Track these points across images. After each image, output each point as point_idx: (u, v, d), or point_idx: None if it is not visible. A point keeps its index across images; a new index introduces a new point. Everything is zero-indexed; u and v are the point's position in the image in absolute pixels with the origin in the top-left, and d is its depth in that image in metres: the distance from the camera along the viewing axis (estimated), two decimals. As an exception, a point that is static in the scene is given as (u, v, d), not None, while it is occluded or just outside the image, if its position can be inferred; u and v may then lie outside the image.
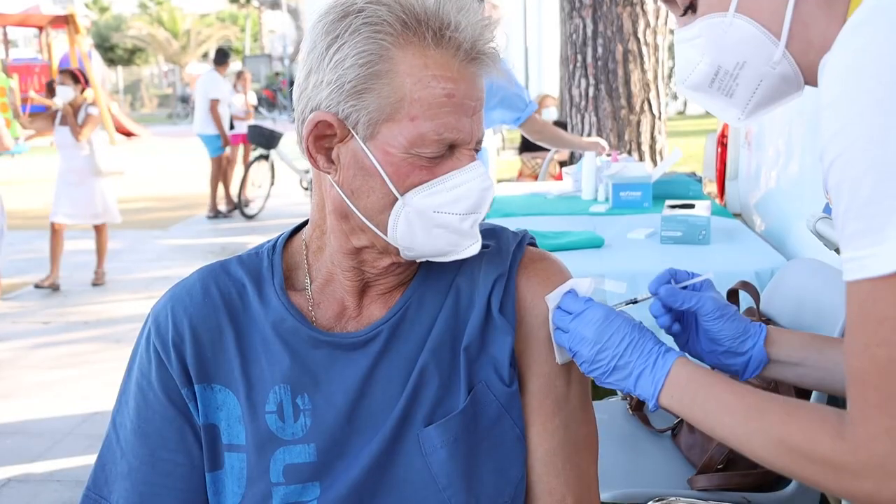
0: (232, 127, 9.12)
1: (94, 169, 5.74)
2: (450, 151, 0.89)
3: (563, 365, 1.00)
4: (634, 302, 1.11)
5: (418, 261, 0.96)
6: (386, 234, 0.91)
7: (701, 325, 1.06)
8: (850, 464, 0.77)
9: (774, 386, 1.87)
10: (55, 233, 5.82)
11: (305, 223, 1.03)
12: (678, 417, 2.08)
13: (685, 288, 1.07)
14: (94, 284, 6.00)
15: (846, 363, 0.79)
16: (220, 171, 8.95)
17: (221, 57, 9.08)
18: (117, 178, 6.05)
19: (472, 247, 0.94)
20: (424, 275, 1.00)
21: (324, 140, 0.90)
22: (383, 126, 0.87)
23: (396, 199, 0.89)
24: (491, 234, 1.04)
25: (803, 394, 1.83)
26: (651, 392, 0.94)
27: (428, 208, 0.89)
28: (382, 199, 0.89)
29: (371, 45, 0.85)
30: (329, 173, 0.92)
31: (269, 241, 1.04)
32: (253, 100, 10.32)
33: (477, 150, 0.93)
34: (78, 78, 5.81)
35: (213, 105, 8.61)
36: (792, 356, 1.06)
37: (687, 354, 1.01)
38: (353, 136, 0.88)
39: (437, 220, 0.90)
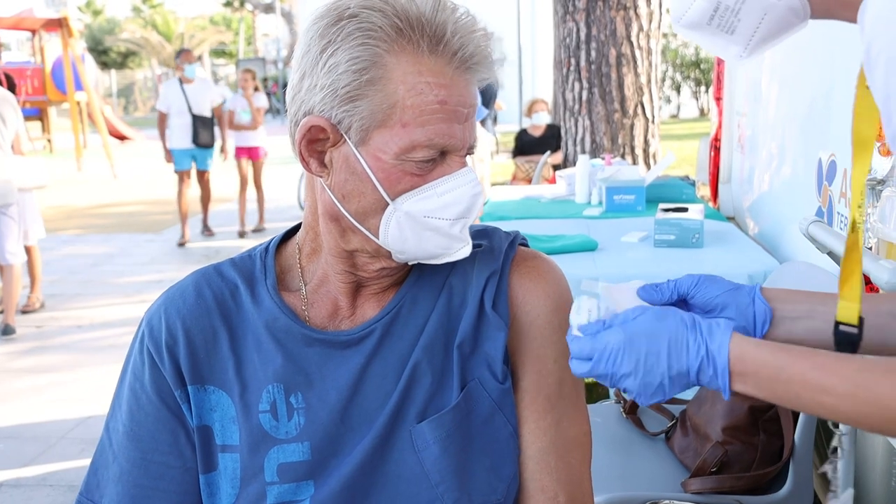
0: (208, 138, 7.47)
1: None
2: (441, 157, 0.90)
3: (555, 363, 1.00)
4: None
5: (410, 263, 0.97)
6: (377, 238, 0.92)
7: (691, 303, 0.99)
8: None
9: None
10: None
11: (298, 227, 1.04)
12: (671, 420, 2.09)
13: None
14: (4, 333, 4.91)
15: None
16: (182, 189, 7.51)
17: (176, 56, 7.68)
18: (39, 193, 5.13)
19: (463, 249, 0.95)
20: (418, 274, 1.00)
21: (316, 144, 0.90)
22: (375, 132, 0.87)
23: (387, 204, 0.89)
24: (483, 234, 1.05)
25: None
26: (723, 386, 0.85)
27: (418, 213, 0.90)
28: (373, 204, 0.90)
29: (365, 50, 0.85)
30: (321, 177, 0.92)
31: (261, 244, 1.05)
32: (264, 102, 8.04)
33: (469, 155, 0.93)
34: None
35: (160, 118, 7.46)
36: (797, 309, 0.98)
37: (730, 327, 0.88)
38: (345, 140, 0.88)
39: (427, 225, 0.90)
